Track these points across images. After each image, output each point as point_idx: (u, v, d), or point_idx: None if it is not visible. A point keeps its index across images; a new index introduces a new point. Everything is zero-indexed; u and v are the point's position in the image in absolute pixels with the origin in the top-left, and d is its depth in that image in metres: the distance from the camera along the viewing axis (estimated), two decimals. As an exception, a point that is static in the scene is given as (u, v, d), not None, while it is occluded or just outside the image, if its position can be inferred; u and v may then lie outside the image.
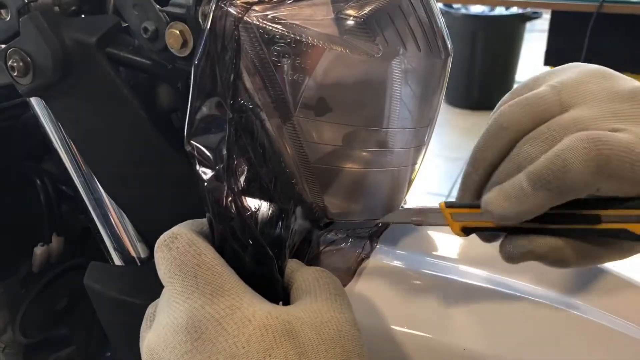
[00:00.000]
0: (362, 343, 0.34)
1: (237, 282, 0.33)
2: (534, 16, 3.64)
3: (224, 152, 0.37)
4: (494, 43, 3.75)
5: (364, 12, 0.41)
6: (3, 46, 0.41)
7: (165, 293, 0.34)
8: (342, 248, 0.51)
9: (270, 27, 0.38)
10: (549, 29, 1.91)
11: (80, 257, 0.65)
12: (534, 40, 3.79)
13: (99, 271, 0.48)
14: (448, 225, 0.39)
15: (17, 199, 0.61)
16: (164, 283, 0.34)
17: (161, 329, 0.32)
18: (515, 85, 3.53)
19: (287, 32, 0.38)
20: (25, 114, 0.62)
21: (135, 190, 0.46)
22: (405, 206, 0.48)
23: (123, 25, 0.45)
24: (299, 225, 0.45)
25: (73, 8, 0.46)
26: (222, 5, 0.37)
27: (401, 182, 0.48)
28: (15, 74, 0.41)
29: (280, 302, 0.35)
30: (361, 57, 0.40)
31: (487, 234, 0.40)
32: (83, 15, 0.48)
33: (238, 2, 0.38)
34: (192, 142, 0.36)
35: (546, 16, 2.42)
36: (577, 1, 1.78)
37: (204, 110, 0.37)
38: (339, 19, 0.40)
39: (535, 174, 0.34)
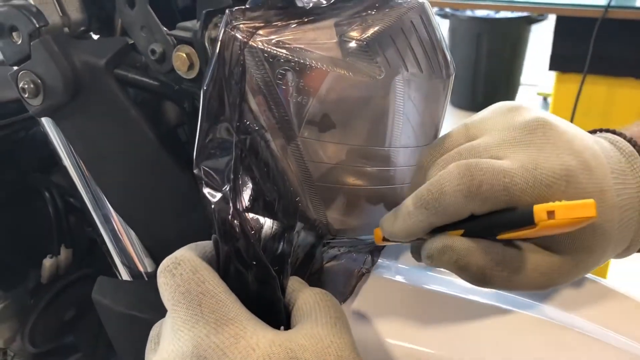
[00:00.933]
0: None
1: (241, 309, 0.34)
2: (540, 18, 3.64)
3: (231, 174, 0.38)
4: (499, 45, 3.75)
5: (366, 35, 0.41)
6: (15, 68, 0.42)
7: (169, 318, 0.34)
8: (343, 263, 0.51)
9: (275, 51, 0.39)
10: (553, 33, 1.90)
11: (87, 268, 0.66)
12: (540, 42, 3.78)
13: (107, 286, 0.49)
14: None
15: (27, 211, 0.63)
16: (167, 308, 0.34)
17: (166, 356, 0.32)
18: (520, 88, 3.47)
19: (291, 55, 0.39)
20: (34, 127, 0.64)
21: (142, 207, 0.47)
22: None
23: (130, 42, 0.45)
24: (302, 240, 0.46)
25: (82, 29, 0.47)
26: (229, 30, 0.38)
27: (404, 198, 0.49)
28: (26, 96, 0.42)
29: (282, 327, 0.36)
30: (363, 79, 0.41)
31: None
32: (92, 33, 0.50)
33: (243, 27, 0.38)
34: (201, 165, 0.37)
35: (552, 17, 2.41)
36: (582, 7, 1.79)
37: (213, 134, 0.38)
38: (342, 42, 0.41)
39: (417, 195, 0.38)
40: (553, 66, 1.93)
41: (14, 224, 0.62)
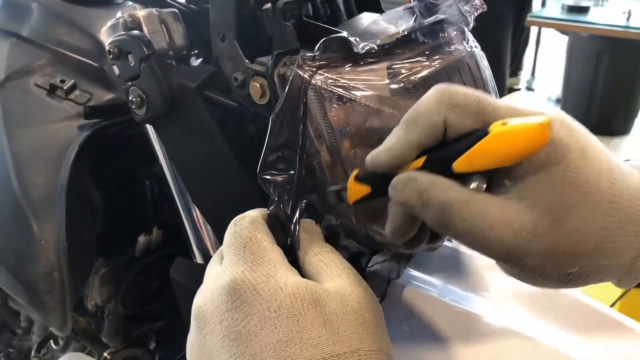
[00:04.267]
0: (381, 314, 0.38)
1: (278, 256, 0.38)
2: (669, 41, 3.42)
3: (287, 186, 0.45)
4: (620, 66, 3.56)
5: (413, 78, 0.48)
6: (128, 83, 0.53)
7: (217, 259, 0.41)
8: (375, 268, 0.57)
9: (332, 89, 0.46)
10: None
11: (173, 249, 0.77)
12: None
13: (182, 266, 0.59)
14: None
15: (130, 195, 0.74)
16: (223, 251, 0.40)
17: (209, 289, 0.38)
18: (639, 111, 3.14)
19: (344, 93, 0.46)
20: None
21: (216, 204, 0.56)
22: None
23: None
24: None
25: (184, 52, 0.57)
26: (297, 69, 0.46)
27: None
28: (133, 107, 0.53)
29: None
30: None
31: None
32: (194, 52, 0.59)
33: (307, 67, 0.46)
34: (263, 176, 0.45)
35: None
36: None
37: (275, 153, 0.46)
38: (391, 83, 0.47)
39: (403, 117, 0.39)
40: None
41: (120, 206, 0.74)
